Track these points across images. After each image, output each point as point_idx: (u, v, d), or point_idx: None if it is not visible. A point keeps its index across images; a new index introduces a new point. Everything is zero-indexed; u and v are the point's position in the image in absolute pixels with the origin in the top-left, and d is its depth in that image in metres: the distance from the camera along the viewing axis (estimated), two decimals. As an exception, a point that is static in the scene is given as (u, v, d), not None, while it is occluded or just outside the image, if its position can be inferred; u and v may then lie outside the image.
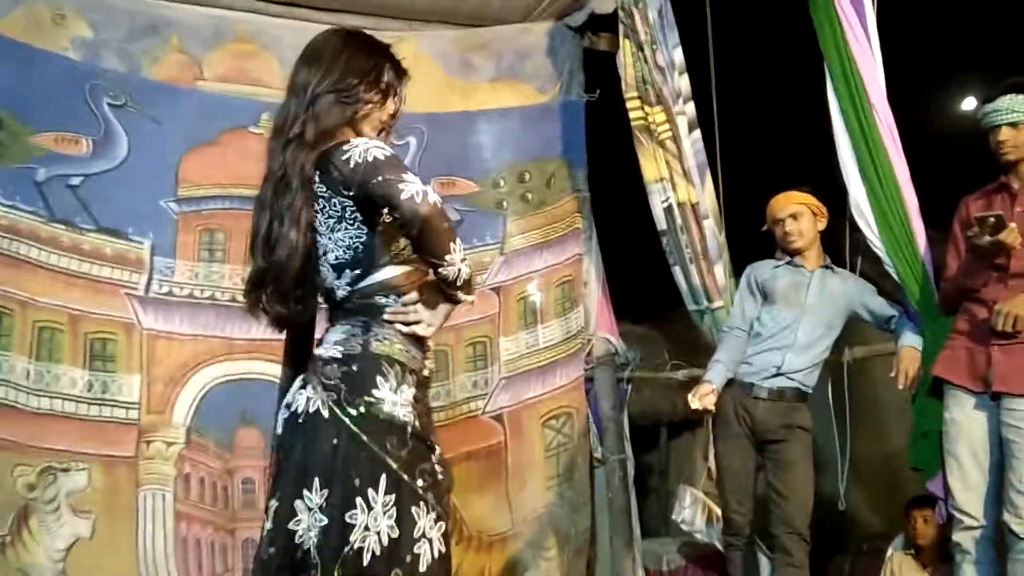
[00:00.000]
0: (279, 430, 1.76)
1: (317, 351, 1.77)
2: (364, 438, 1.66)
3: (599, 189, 3.91)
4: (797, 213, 2.90)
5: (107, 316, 3.21)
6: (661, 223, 3.47)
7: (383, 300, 1.75)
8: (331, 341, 1.75)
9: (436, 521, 1.73)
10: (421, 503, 1.70)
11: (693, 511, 3.31)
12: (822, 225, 2.94)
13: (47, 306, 3.14)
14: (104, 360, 3.20)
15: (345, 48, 1.82)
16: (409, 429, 1.71)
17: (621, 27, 3.49)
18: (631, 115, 3.50)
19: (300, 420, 1.70)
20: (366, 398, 1.68)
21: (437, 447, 1.79)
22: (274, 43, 3.56)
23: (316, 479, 1.66)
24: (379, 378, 1.69)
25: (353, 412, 1.67)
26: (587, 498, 3.65)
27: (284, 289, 1.77)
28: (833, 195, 3.00)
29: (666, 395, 4.33)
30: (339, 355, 1.71)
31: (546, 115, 3.83)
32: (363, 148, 1.69)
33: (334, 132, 1.76)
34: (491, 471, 3.61)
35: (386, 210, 1.70)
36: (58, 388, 3.13)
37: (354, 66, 1.80)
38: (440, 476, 1.77)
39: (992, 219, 2.35)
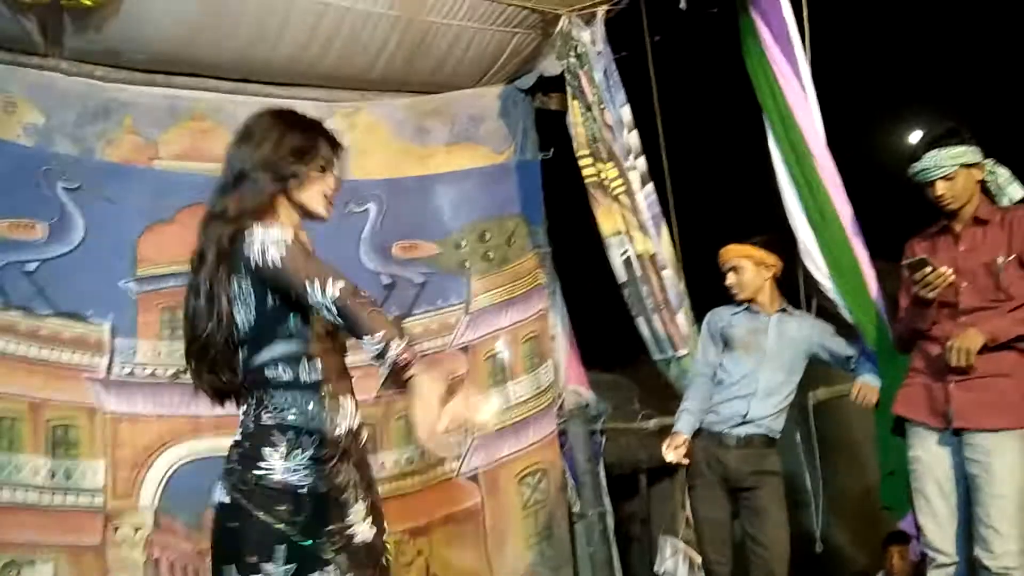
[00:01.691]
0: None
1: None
2: (256, 512, 1.66)
3: (561, 241, 3.97)
4: (737, 266, 2.97)
5: (68, 402, 3.15)
6: (621, 275, 3.51)
7: (273, 372, 1.75)
8: (238, 426, 1.77)
9: None
10: (328, 567, 1.67)
11: (675, 561, 3.30)
12: (769, 273, 2.98)
13: (6, 395, 3.08)
14: (67, 447, 3.13)
15: (275, 126, 1.84)
16: (306, 491, 1.68)
17: (569, 89, 3.58)
18: (584, 172, 3.57)
19: (216, 514, 1.73)
20: (254, 472, 1.68)
21: (356, 505, 1.75)
22: (229, 119, 3.57)
23: (223, 567, 1.67)
24: (267, 449, 1.69)
25: (245, 488, 1.68)
26: (568, 554, 3.62)
27: (212, 362, 1.78)
28: (787, 235, 3.07)
29: (642, 442, 4.33)
30: (238, 437, 1.74)
31: (503, 175, 3.90)
32: (260, 242, 1.69)
33: (261, 208, 1.78)
34: (470, 533, 3.57)
35: (278, 295, 1.71)
36: (19, 479, 3.04)
37: (287, 143, 1.81)
38: (357, 537, 1.73)
39: (918, 263, 2.42)
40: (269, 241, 1.69)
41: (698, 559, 3.25)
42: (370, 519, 1.78)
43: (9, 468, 3.03)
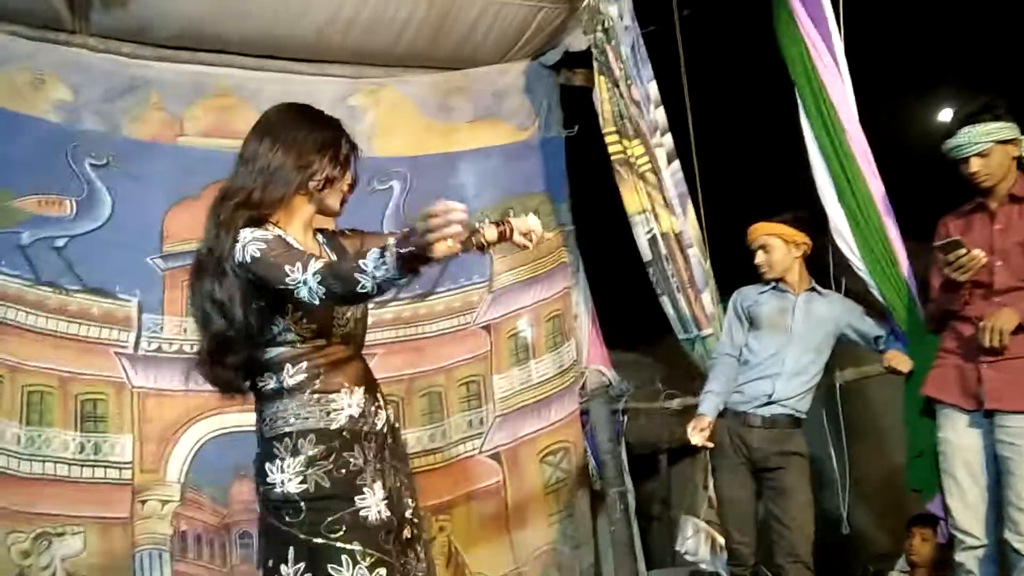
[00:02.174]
0: None
1: None
2: (268, 519, 1.79)
3: (585, 220, 3.94)
4: (766, 245, 2.92)
5: (97, 376, 3.20)
6: (646, 254, 3.48)
7: (262, 383, 1.83)
8: None
9: (373, 568, 1.74)
10: (343, 556, 1.72)
11: (696, 541, 3.29)
12: (799, 252, 2.93)
13: (36, 369, 3.13)
14: (95, 421, 3.18)
15: (301, 121, 1.86)
16: (303, 494, 1.76)
17: (595, 64, 3.54)
18: (610, 149, 3.53)
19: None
20: (262, 486, 1.80)
21: (369, 488, 1.79)
22: (253, 96, 3.59)
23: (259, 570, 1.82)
24: (267, 464, 1.79)
25: (260, 499, 1.82)
26: (590, 533, 3.62)
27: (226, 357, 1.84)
28: (817, 214, 3.02)
29: (663, 422, 4.31)
30: (256, 448, 1.85)
31: (527, 152, 3.87)
32: (243, 241, 1.73)
33: (279, 203, 1.81)
34: (491, 511, 3.58)
35: (261, 297, 1.75)
36: (50, 452, 3.10)
37: (313, 139, 1.84)
38: (371, 517, 1.77)
39: (951, 244, 2.37)
40: (250, 239, 1.73)
41: (719, 539, 3.24)
42: (390, 498, 1.82)
43: (39, 442, 3.09)
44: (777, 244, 2.90)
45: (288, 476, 1.76)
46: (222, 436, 3.26)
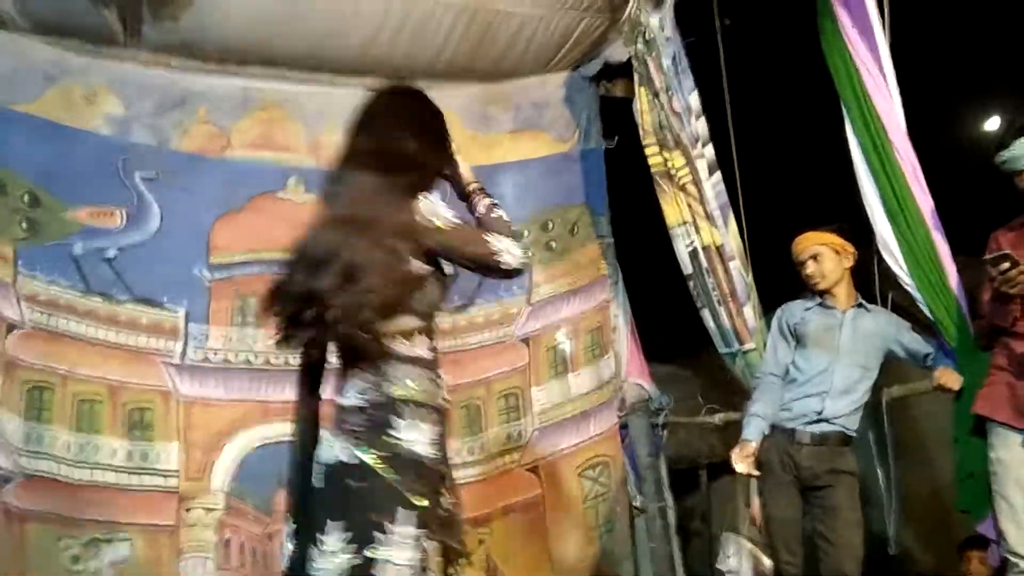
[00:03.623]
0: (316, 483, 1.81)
1: (340, 400, 1.84)
2: (385, 475, 1.75)
3: (625, 232, 3.92)
4: (818, 254, 2.86)
5: (144, 385, 3.26)
6: (687, 267, 3.46)
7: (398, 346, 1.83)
8: (352, 390, 1.82)
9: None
10: (423, 530, 1.77)
11: (738, 559, 3.24)
12: (849, 263, 2.88)
13: (86, 378, 3.21)
14: (143, 429, 3.24)
15: (437, 111, 1.99)
16: (426, 459, 1.79)
17: (636, 75, 3.53)
18: (650, 161, 3.52)
19: (332, 471, 1.79)
20: (383, 438, 1.77)
21: (447, 477, 1.87)
22: (298, 109, 3.65)
23: (333, 521, 1.74)
24: (393, 418, 1.79)
25: (376, 452, 1.77)
26: (629, 548, 3.59)
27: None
28: (861, 226, 2.97)
29: (704, 437, 4.27)
30: (360, 403, 1.81)
31: (567, 164, 3.87)
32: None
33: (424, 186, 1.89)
34: (531, 525, 3.57)
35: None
36: (98, 459, 3.17)
37: (447, 131, 1.99)
38: (444, 505, 1.84)
39: (1000, 258, 2.32)
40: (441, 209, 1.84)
41: (761, 557, 3.19)
42: (450, 494, 1.89)
43: (89, 449, 3.16)
44: (828, 253, 2.85)
45: (415, 437, 1.79)
46: (266, 446, 3.30)
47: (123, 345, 3.25)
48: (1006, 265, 2.30)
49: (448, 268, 1.89)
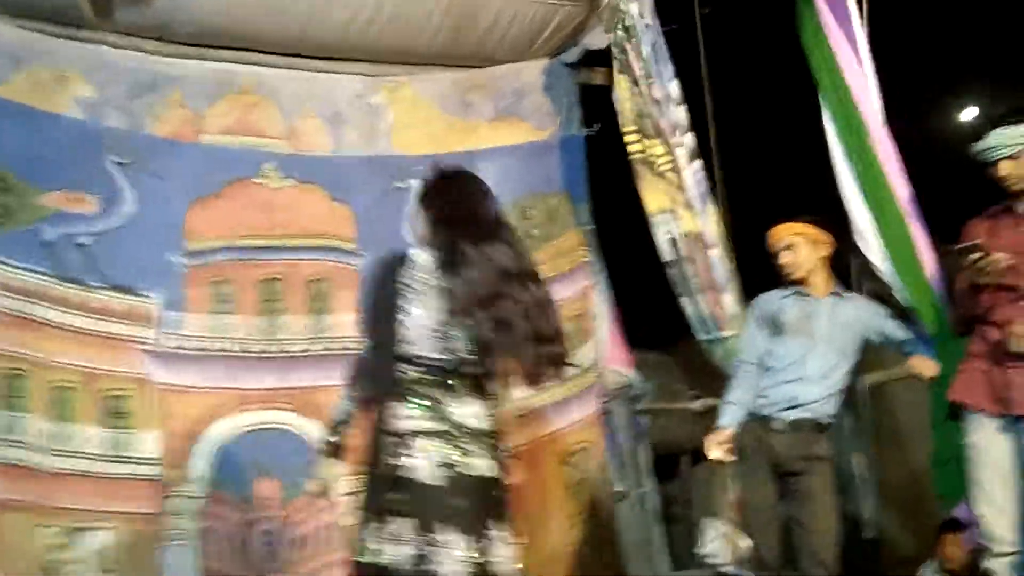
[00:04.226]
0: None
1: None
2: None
3: (605, 219, 3.92)
4: (792, 244, 2.88)
5: (121, 372, 3.22)
6: (667, 254, 3.46)
7: None
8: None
9: None
10: None
11: (719, 544, 3.27)
12: (825, 251, 2.90)
13: (61, 365, 3.16)
14: (119, 416, 3.20)
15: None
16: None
17: (615, 63, 3.52)
18: (630, 148, 3.52)
19: (480, 483, 2.02)
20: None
21: None
22: (274, 93, 3.61)
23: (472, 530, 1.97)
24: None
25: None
26: (611, 534, 3.60)
27: None
28: (840, 216, 2.99)
29: (684, 423, 4.30)
30: (486, 427, 2.03)
31: (546, 151, 3.86)
32: None
33: None
34: (511, 510, 3.57)
35: None
36: (75, 447, 3.13)
37: None
38: None
39: (971, 248, 2.35)
40: None
41: (741, 542, 3.22)
42: None
43: (63, 437, 3.11)
44: (802, 244, 2.87)
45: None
46: (245, 434, 3.28)
47: (97, 332, 3.21)
48: (977, 255, 2.34)
49: None
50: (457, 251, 2.03)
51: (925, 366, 2.75)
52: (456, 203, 2.14)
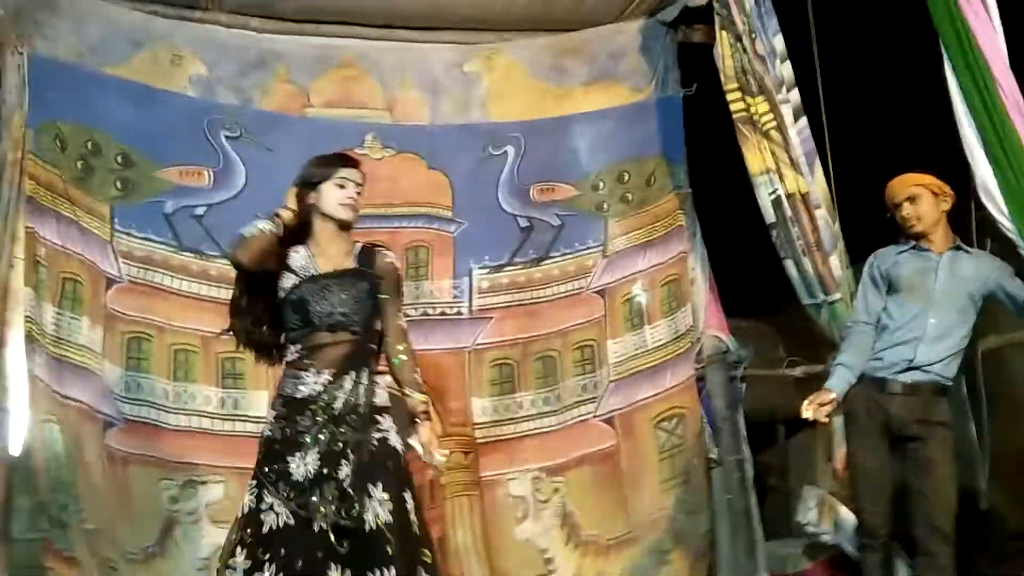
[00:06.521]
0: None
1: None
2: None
3: (702, 184, 3.83)
4: (914, 195, 2.73)
5: (235, 337, 3.40)
6: (770, 216, 3.36)
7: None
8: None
9: None
10: None
11: (818, 512, 3.19)
12: (946, 205, 2.75)
13: (181, 330, 3.36)
14: (234, 378, 3.39)
15: None
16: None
17: (717, 19, 3.41)
18: (732, 107, 3.41)
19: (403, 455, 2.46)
20: None
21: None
22: (374, 65, 3.69)
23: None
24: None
25: None
26: (705, 501, 3.57)
27: None
28: (956, 175, 2.82)
29: (782, 391, 4.18)
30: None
31: (642, 113, 3.79)
32: None
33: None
34: (606, 475, 3.59)
35: None
36: (195, 406, 3.34)
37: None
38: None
39: None
40: None
41: (843, 511, 3.13)
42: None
43: (185, 396, 3.33)
44: (926, 195, 2.72)
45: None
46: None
47: (215, 299, 3.37)
48: None
49: None
50: None
51: None
52: None
